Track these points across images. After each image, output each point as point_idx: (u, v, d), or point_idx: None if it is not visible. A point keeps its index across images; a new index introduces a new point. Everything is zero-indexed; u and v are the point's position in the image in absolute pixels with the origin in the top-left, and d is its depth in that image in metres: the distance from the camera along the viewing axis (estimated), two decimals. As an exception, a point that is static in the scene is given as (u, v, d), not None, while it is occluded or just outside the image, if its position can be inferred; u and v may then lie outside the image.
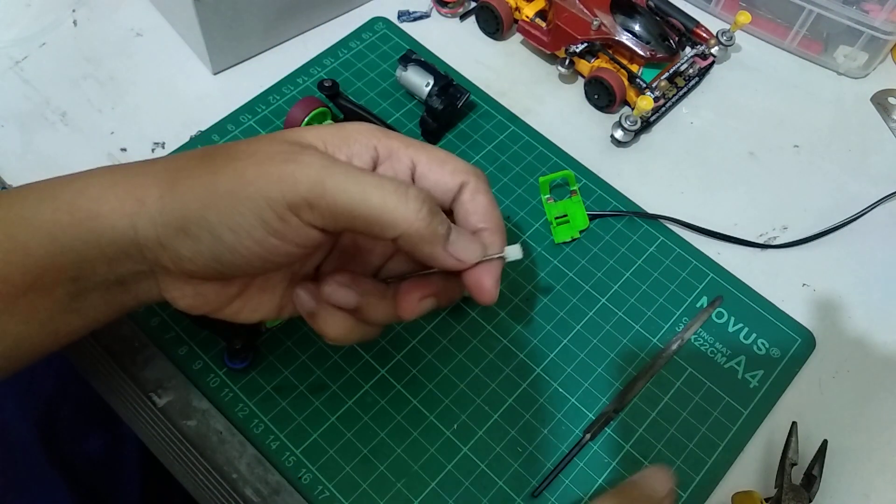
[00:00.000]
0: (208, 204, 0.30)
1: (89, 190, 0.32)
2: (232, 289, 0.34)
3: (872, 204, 0.52)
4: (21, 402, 0.53)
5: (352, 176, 0.30)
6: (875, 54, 0.57)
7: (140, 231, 0.31)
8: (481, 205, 0.34)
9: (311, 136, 0.33)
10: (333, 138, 0.33)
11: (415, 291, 0.34)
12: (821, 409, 0.44)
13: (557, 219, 0.49)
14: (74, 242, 0.31)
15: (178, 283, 0.33)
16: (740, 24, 0.56)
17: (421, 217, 0.30)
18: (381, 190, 0.30)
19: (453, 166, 0.34)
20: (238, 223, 0.30)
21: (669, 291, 0.47)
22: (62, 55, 0.55)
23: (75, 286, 0.32)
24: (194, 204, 0.30)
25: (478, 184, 0.34)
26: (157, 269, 0.33)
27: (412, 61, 0.52)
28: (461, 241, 0.32)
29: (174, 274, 0.33)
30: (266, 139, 0.32)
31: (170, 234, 0.31)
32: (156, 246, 0.31)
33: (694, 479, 0.41)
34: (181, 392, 0.42)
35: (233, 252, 0.31)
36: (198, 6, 0.49)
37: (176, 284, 0.33)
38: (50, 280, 0.31)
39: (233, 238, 0.30)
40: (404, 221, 0.30)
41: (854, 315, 0.48)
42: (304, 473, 0.40)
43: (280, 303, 0.35)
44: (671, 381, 0.44)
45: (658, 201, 0.51)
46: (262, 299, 0.35)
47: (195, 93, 0.54)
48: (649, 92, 0.53)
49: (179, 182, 0.31)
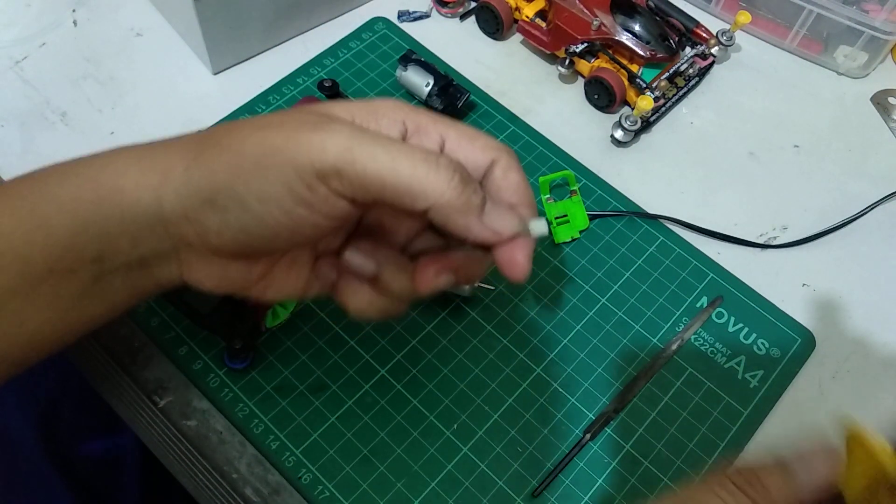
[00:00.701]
0: (235, 174, 0.30)
1: (113, 165, 0.31)
2: (257, 268, 0.34)
3: (872, 204, 0.52)
4: (21, 402, 0.53)
5: (381, 144, 0.29)
6: (875, 54, 0.57)
7: (165, 204, 0.31)
8: (513, 182, 0.33)
9: (338, 109, 0.32)
10: (361, 112, 0.32)
11: (432, 265, 0.33)
12: (821, 409, 0.44)
13: (557, 219, 0.49)
14: (97, 219, 0.31)
15: (202, 262, 0.33)
16: (740, 24, 0.56)
17: (453, 186, 0.29)
18: (411, 158, 0.29)
19: (483, 142, 0.33)
20: (266, 192, 0.29)
21: (669, 291, 0.47)
22: (62, 55, 0.55)
23: (97, 267, 0.32)
24: (221, 175, 0.30)
25: (510, 161, 0.33)
26: (182, 246, 0.32)
27: (412, 61, 0.52)
28: (497, 212, 0.31)
29: (199, 251, 0.32)
30: (293, 111, 0.32)
31: (196, 206, 0.30)
32: (181, 220, 0.31)
33: (694, 480, 0.41)
34: (181, 392, 0.42)
35: (260, 223, 0.30)
36: (198, 6, 0.49)
37: (200, 264, 0.33)
38: (72, 261, 0.31)
39: (261, 208, 0.30)
40: (435, 191, 0.29)
41: (854, 315, 0.48)
42: (304, 473, 0.40)
43: (305, 283, 0.35)
44: (671, 381, 0.44)
45: (658, 201, 0.51)
46: (288, 279, 0.35)
47: (195, 93, 0.54)
48: (649, 92, 0.53)
49: (205, 153, 0.31)
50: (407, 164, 0.29)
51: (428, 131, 0.33)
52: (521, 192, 0.33)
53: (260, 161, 0.29)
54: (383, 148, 0.29)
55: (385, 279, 0.33)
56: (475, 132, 0.33)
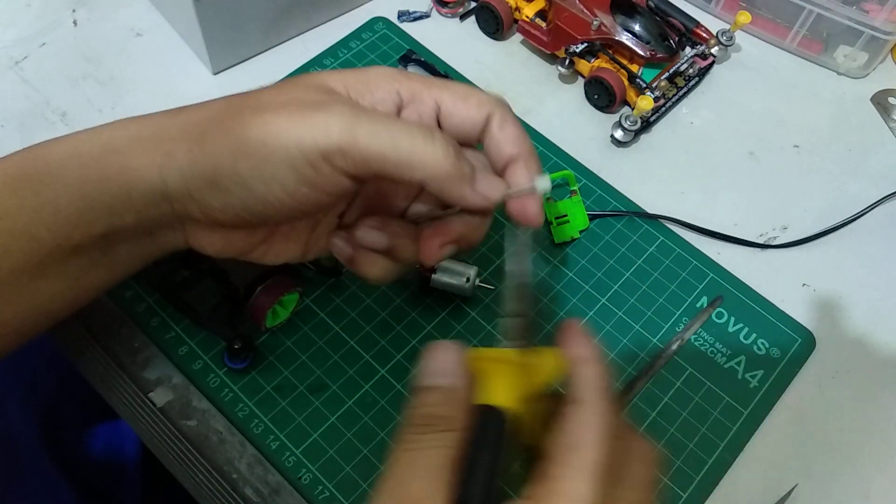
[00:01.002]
0: (239, 156, 0.30)
1: (115, 143, 0.32)
2: (258, 234, 0.35)
3: (872, 204, 0.52)
4: (23, 402, 0.53)
5: (381, 122, 0.31)
6: (875, 54, 0.57)
7: (170, 184, 0.31)
8: (510, 133, 0.34)
9: (332, 80, 0.33)
10: (357, 84, 0.33)
11: (435, 238, 0.35)
12: (821, 409, 0.44)
13: (557, 219, 0.49)
14: (104, 197, 0.31)
15: (205, 231, 0.34)
16: (740, 24, 0.56)
17: (448, 158, 0.31)
18: (410, 134, 0.31)
19: (477, 99, 0.34)
20: (270, 174, 0.30)
21: (669, 291, 0.47)
22: (62, 55, 0.55)
23: (105, 241, 0.33)
24: (225, 157, 0.31)
25: (504, 113, 0.34)
26: (186, 218, 0.33)
27: (412, 61, 0.52)
28: (487, 180, 0.33)
29: (202, 223, 0.33)
30: (290, 85, 0.33)
31: (200, 187, 0.31)
32: (185, 198, 0.32)
33: (694, 479, 0.41)
34: (181, 392, 0.42)
35: (264, 203, 0.31)
36: (198, 6, 0.49)
37: (203, 233, 0.34)
38: (80, 237, 0.32)
39: (264, 189, 0.31)
40: (434, 163, 0.31)
41: (854, 315, 0.48)
42: (304, 473, 0.40)
43: (304, 248, 0.37)
44: (671, 381, 0.44)
45: (658, 201, 0.51)
46: (288, 243, 0.36)
47: (195, 93, 0.54)
48: (649, 92, 0.53)
49: (208, 134, 0.31)
50: (406, 140, 0.30)
51: (423, 98, 0.34)
52: (520, 143, 0.34)
53: (264, 143, 0.30)
54: (383, 125, 0.30)
55: (397, 250, 0.35)
56: (467, 90, 0.34)
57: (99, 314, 0.44)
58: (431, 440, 0.28)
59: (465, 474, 0.27)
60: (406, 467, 0.27)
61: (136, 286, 0.45)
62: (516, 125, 0.34)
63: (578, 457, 0.27)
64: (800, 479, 0.42)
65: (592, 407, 0.29)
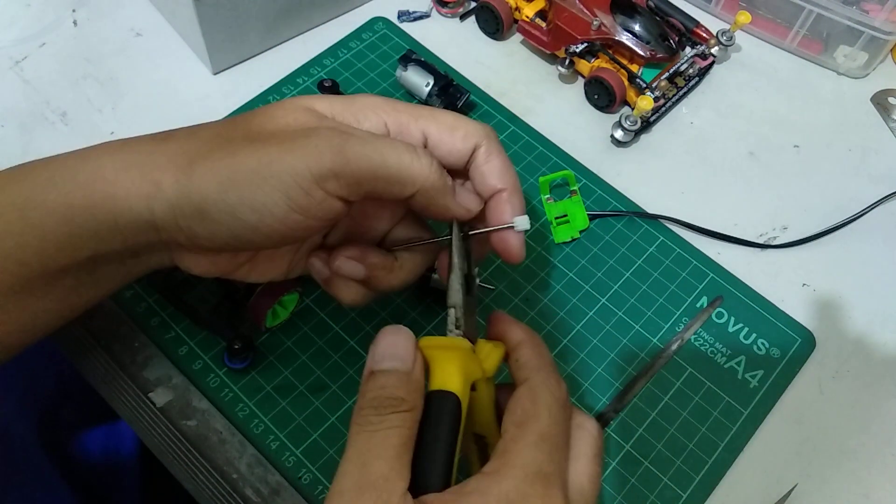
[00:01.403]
0: (228, 186, 0.31)
1: (103, 171, 0.32)
2: (243, 256, 0.36)
3: (872, 204, 0.52)
4: (22, 402, 0.53)
5: (369, 142, 0.31)
6: (875, 54, 0.57)
7: (157, 213, 0.32)
8: (496, 167, 0.34)
9: (320, 104, 0.34)
10: (344, 112, 0.34)
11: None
12: (821, 409, 0.44)
13: (557, 219, 0.49)
14: (90, 223, 0.31)
15: (191, 254, 0.34)
16: (740, 24, 0.56)
17: (434, 170, 0.32)
18: (396, 150, 0.32)
19: (464, 131, 0.34)
20: (261, 202, 0.30)
21: (669, 291, 0.47)
22: (62, 55, 0.55)
23: (92, 263, 0.33)
24: (213, 188, 0.31)
25: (490, 145, 0.34)
26: (172, 244, 0.33)
27: (412, 61, 0.52)
28: (464, 194, 0.34)
29: (188, 248, 0.34)
30: (278, 109, 0.33)
31: (187, 217, 0.31)
32: (172, 227, 0.32)
33: (694, 479, 0.41)
34: (181, 392, 0.42)
35: (253, 231, 0.31)
36: (198, 6, 0.49)
37: (189, 255, 0.34)
38: (66, 261, 0.32)
39: (254, 218, 0.31)
40: (420, 175, 0.32)
41: (854, 315, 0.48)
42: (304, 473, 0.40)
43: (288, 267, 0.37)
44: (671, 381, 0.44)
45: (658, 201, 0.51)
46: (272, 263, 0.37)
47: (195, 93, 0.54)
48: (649, 92, 0.53)
49: (196, 165, 0.31)
50: (393, 156, 0.31)
51: (410, 130, 0.34)
52: (505, 177, 0.34)
53: (256, 171, 0.30)
54: (371, 145, 0.31)
55: (373, 280, 0.36)
56: (455, 121, 0.34)
57: (99, 314, 0.44)
58: (390, 420, 0.28)
59: (423, 454, 0.28)
60: (365, 447, 0.28)
61: (136, 286, 0.45)
62: (503, 158, 0.35)
63: (530, 429, 0.29)
64: (800, 479, 0.42)
65: (537, 383, 0.30)
